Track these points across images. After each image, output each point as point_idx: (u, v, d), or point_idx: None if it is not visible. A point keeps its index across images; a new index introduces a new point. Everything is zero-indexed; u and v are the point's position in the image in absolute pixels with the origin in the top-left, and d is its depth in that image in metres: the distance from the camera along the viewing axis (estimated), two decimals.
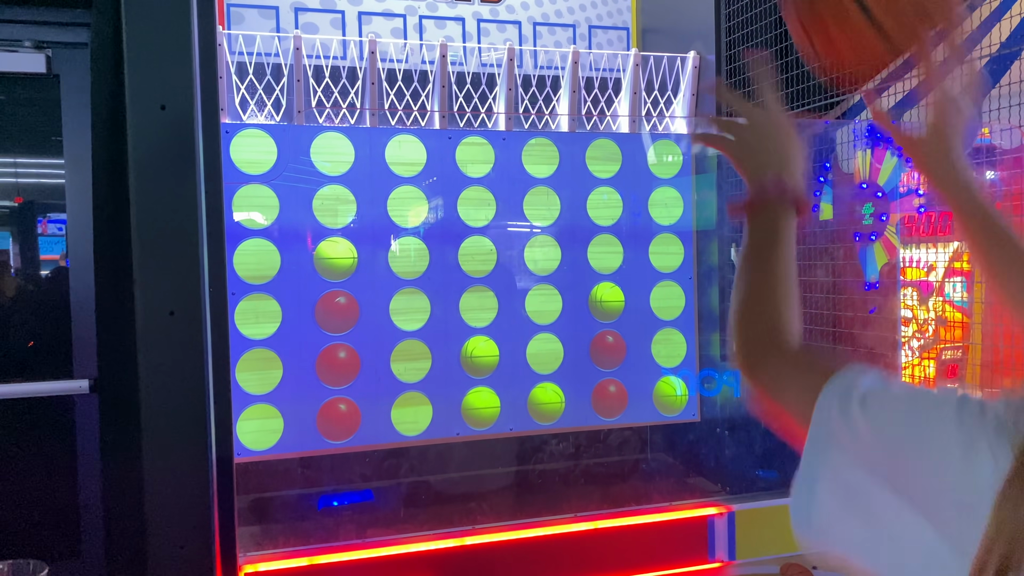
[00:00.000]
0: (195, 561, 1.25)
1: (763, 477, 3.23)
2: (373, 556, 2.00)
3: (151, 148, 1.13)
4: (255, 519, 3.11)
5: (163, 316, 1.16)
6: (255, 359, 3.09)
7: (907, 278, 3.04)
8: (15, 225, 3.19)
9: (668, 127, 3.69)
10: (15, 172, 3.19)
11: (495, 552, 2.12)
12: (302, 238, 3.15)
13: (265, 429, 3.10)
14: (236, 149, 3.04)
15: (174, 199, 1.15)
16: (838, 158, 3.16)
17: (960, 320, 2.91)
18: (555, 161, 3.46)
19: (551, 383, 3.45)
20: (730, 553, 2.21)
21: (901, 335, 3.01)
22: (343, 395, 3.19)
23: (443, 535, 2.10)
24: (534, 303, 3.44)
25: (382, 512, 3.29)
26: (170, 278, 1.16)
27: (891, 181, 3.03)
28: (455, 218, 3.34)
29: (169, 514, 1.27)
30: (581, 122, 3.55)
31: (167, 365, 1.19)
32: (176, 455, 1.24)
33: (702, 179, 3.67)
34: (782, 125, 1.35)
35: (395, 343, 3.26)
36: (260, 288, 3.09)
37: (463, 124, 3.41)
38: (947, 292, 2.98)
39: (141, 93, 1.12)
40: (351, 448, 3.21)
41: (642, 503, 2.40)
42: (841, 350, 3.08)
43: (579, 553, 2.17)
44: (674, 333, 3.64)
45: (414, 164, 3.29)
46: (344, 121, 3.27)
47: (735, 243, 3.61)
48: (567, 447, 3.68)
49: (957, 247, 2.96)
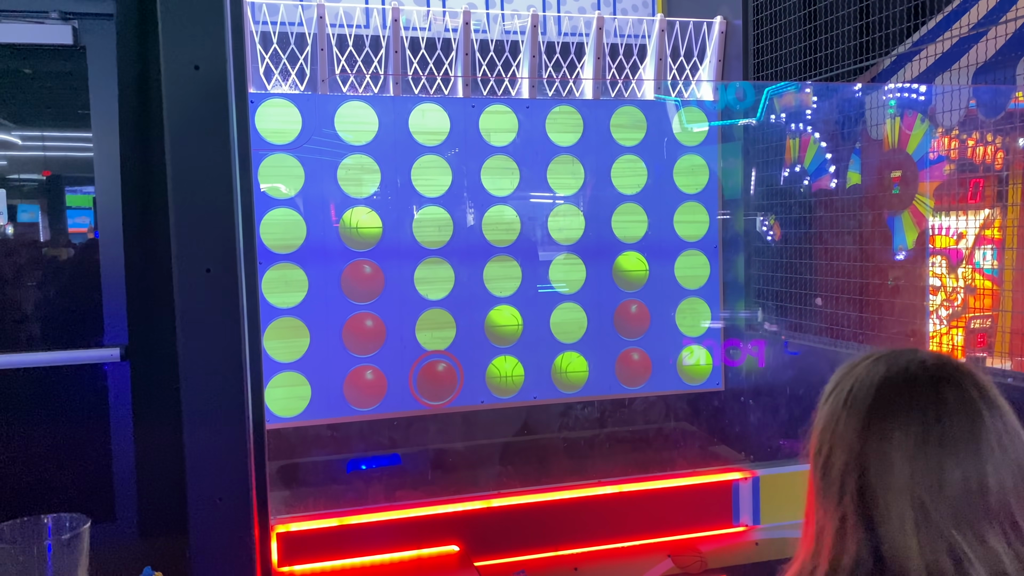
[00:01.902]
0: (233, 512, 1.28)
1: (786, 446, 3.23)
2: (401, 517, 2.03)
3: (185, 107, 1.14)
4: (283, 484, 3.17)
5: (200, 273, 1.18)
6: (283, 327, 3.12)
7: (936, 246, 3.00)
8: (44, 197, 3.23)
9: (694, 93, 3.65)
10: (43, 146, 3.22)
11: (521, 515, 2.14)
12: (327, 208, 3.17)
13: (293, 396, 3.14)
14: (261, 119, 3.06)
15: (209, 158, 1.16)
16: (867, 124, 3.11)
17: (990, 288, 2.87)
18: (579, 129, 3.44)
19: (575, 352, 3.47)
20: (754, 518, 2.22)
21: (929, 303, 2.98)
22: (369, 363, 3.23)
23: (470, 497, 2.12)
24: (558, 272, 3.44)
25: (410, 476, 3.33)
26: (207, 235, 1.17)
27: (921, 148, 2.98)
28: (479, 187, 3.34)
29: (207, 466, 1.30)
30: (606, 89, 3.52)
31: (204, 321, 1.21)
32: (213, 407, 1.27)
33: (728, 147, 3.64)
34: None
35: (420, 312, 3.28)
36: (287, 257, 3.12)
37: (486, 92, 3.40)
38: (976, 260, 2.94)
39: (175, 54, 1.13)
40: (377, 415, 3.25)
41: (666, 469, 2.41)
42: (868, 318, 3.06)
43: (604, 517, 2.19)
44: (699, 302, 3.63)
45: (438, 133, 3.29)
46: (368, 90, 3.26)
47: (761, 212, 3.58)
48: (592, 412, 3.69)
49: (988, 214, 2.91)
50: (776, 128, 3.44)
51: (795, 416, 3.23)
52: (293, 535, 1.94)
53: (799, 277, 3.35)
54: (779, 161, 3.46)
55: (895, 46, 2.98)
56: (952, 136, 2.86)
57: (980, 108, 2.60)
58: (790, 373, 3.30)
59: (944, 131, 2.84)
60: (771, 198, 3.53)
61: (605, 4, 3.84)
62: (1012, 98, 2.54)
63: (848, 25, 3.14)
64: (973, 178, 2.92)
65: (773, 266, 3.51)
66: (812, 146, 3.32)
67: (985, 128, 2.77)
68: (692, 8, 3.74)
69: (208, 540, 1.41)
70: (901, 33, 2.98)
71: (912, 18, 2.96)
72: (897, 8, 2.96)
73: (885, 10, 3.00)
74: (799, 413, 3.15)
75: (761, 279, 3.59)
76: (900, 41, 2.98)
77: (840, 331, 3.14)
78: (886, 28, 2.99)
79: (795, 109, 3.37)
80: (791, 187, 3.41)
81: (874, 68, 3.05)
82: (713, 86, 3.62)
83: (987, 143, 2.84)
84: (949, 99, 2.70)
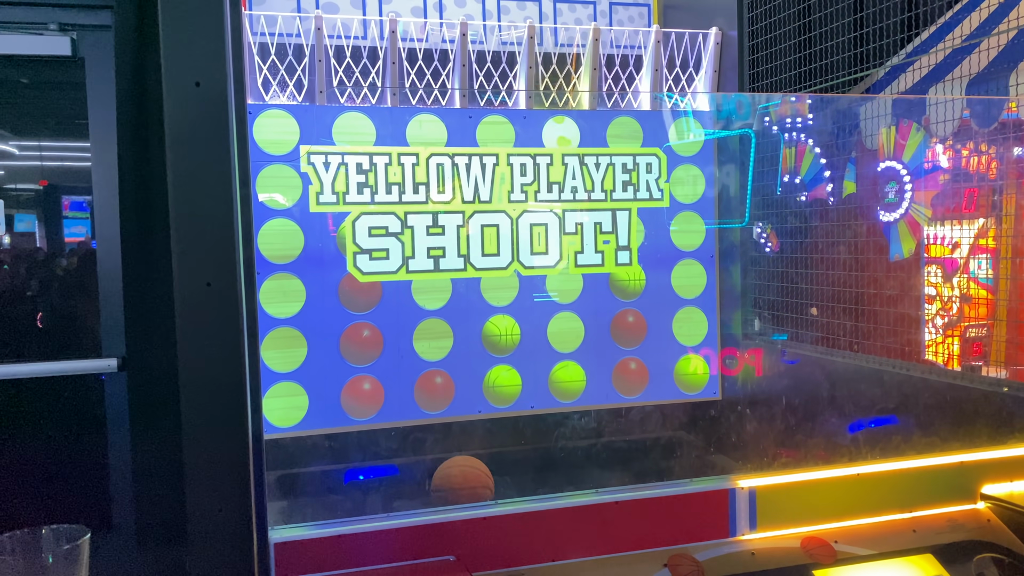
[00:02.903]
0: (232, 522, 1.29)
1: (784, 455, 3.24)
2: (398, 527, 2.03)
3: (186, 124, 1.15)
4: (281, 494, 3.16)
5: (201, 288, 1.19)
6: (280, 337, 3.13)
7: (931, 255, 3.02)
8: (41, 208, 3.23)
9: (690, 104, 3.67)
10: (40, 156, 3.23)
11: (518, 524, 2.14)
12: (324, 218, 3.18)
13: (290, 406, 3.14)
14: (259, 129, 3.07)
15: (210, 173, 1.17)
16: (862, 134, 3.13)
17: (985, 297, 2.89)
18: (576, 139, 3.46)
19: (572, 361, 3.47)
20: (751, 527, 2.22)
21: (925, 312, 2.99)
22: (367, 373, 3.23)
23: (467, 507, 2.12)
24: (555, 282, 3.45)
25: (407, 486, 3.33)
26: (207, 250, 1.18)
27: (916, 158, 3.00)
28: None
29: (207, 477, 1.31)
30: (602, 100, 3.54)
31: (204, 335, 1.22)
32: (213, 418, 1.28)
33: (724, 156, 3.66)
34: None
35: (417, 321, 3.29)
36: (284, 268, 3.13)
37: (483, 103, 3.41)
38: (972, 270, 2.95)
39: (176, 70, 1.14)
40: (375, 425, 3.25)
41: (663, 478, 2.42)
42: (863, 327, 3.07)
43: (600, 527, 2.19)
44: (695, 312, 3.64)
45: (435, 143, 3.30)
46: (365, 100, 3.28)
47: (758, 222, 3.59)
48: (589, 422, 3.70)
49: (983, 224, 2.93)
50: (772, 138, 3.46)
51: (792, 425, 3.24)
52: (290, 545, 1.94)
53: (795, 286, 3.36)
54: (775, 171, 3.47)
55: (889, 57, 3.01)
56: (947, 146, 2.89)
57: (974, 119, 2.62)
58: (787, 382, 3.31)
59: (938, 141, 2.86)
60: (767, 208, 3.55)
61: (601, 15, 3.87)
62: (1005, 108, 2.56)
63: (843, 36, 3.17)
64: (968, 188, 2.94)
65: (770, 275, 3.53)
66: (808, 155, 3.34)
67: (979, 138, 2.80)
68: (688, 20, 3.77)
69: (208, 550, 1.41)
70: (895, 44, 3.00)
71: (906, 29, 2.98)
72: (891, 20, 2.99)
73: (879, 21, 3.03)
74: (796, 422, 3.16)
75: (758, 288, 3.60)
76: (894, 52, 3.00)
77: (836, 340, 3.15)
78: (880, 39, 3.02)
79: (791, 119, 3.39)
80: (787, 196, 3.42)
81: (869, 79, 3.07)
82: (709, 97, 3.64)
83: (981, 153, 2.86)
84: (943, 110, 2.72)
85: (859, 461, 2.07)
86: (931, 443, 2.64)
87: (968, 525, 2.02)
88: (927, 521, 2.02)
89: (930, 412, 2.69)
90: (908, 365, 2.86)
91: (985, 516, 2.05)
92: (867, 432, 2.91)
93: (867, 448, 2.91)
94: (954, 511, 2.05)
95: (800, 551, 1.94)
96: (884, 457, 2.10)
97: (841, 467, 2.03)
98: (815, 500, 2.02)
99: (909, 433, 2.78)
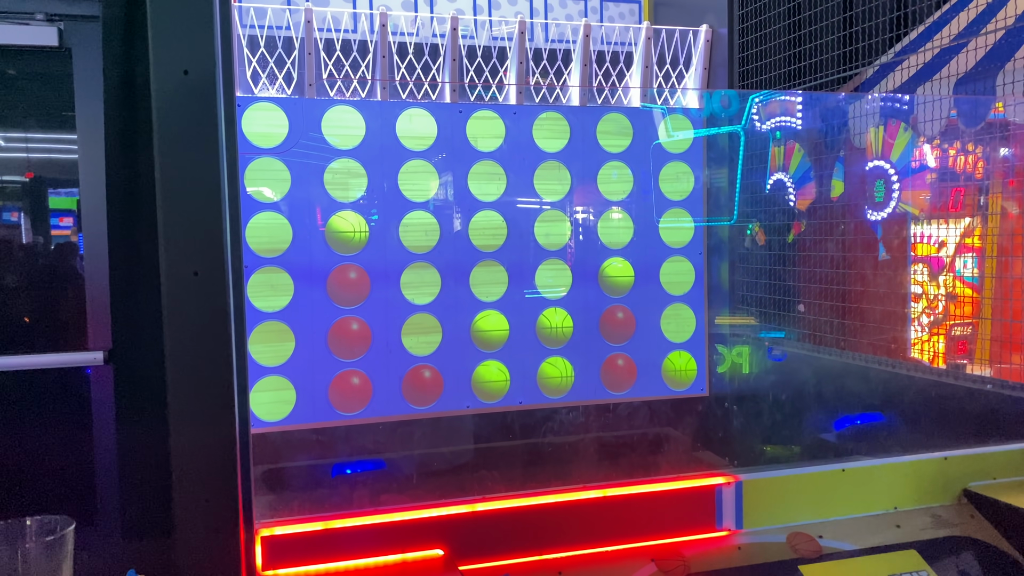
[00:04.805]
0: (219, 514, 1.29)
1: (770, 451, 3.26)
2: (386, 521, 2.03)
3: (174, 112, 1.14)
4: (268, 488, 3.15)
5: (188, 277, 1.18)
6: (268, 331, 3.12)
7: (918, 254, 3.04)
8: (27, 200, 3.21)
9: (680, 101, 3.68)
10: (26, 148, 3.20)
11: (506, 519, 2.14)
12: (313, 212, 3.17)
13: (278, 400, 3.13)
14: (248, 122, 3.06)
15: (198, 163, 1.16)
16: (850, 132, 3.15)
17: (970, 296, 2.91)
18: (566, 135, 3.46)
19: (559, 357, 3.48)
20: (737, 522, 2.23)
21: (911, 311, 3.02)
22: (355, 367, 3.22)
23: (455, 502, 2.12)
24: (544, 277, 3.46)
25: (395, 480, 3.33)
26: (195, 239, 1.18)
27: (903, 157, 3.01)
28: (465, 192, 3.35)
29: (195, 468, 1.31)
30: (592, 96, 3.55)
31: (191, 324, 1.22)
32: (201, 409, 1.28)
33: (713, 154, 3.67)
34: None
35: (406, 316, 3.28)
36: (272, 261, 3.11)
37: (473, 98, 3.41)
38: (957, 268, 2.98)
39: (164, 58, 1.13)
40: (363, 420, 3.25)
41: (651, 474, 2.43)
42: (850, 325, 3.09)
43: (588, 521, 2.19)
44: (683, 308, 3.65)
45: (425, 138, 3.30)
46: (355, 94, 3.27)
47: (747, 220, 3.61)
48: (577, 417, 3.71)
49: (969, 223, 2.95)
50: (760, 136, 3.47)
51: (778, 421, 3.26)
52: (277, 539, 1.93)
53: (783, 284, 3.38)
54: (764, 169, 3.49)
55: (878, 56, 3.02)
56: (934, 145, 2.91)
57: (961, 118, 2.64)
58: (774, 378, 3.33)
59: (926, 140, 2.88)
60: (755, 205, 3.56)
61: (592, 11, 3.87)
62: (992, 108, 2.58)
63: (832, 35, 3.18)
64: (955, 187, 2.96)
65: (757, 272, 3.54)
66: (796, 154, 3.35)
67: (966, 138, 2.82)
68: (678, 16, 3.78)
69: (194, 543, 1.41)
70: (884, 43, 3.02)
71: (895, 28, 3.00)
72: (881, 19, 3.00)
73: (869, 20, 3.04)
74: (782, 418, 3.18)
75: (745, 285, 3.62)
76: (883, 51, 3.02)
77: (823, 337, 3.17)
78: (870, 38, 3.03)
79: (780, 117, 3.40)
80: (775, 194, 3.44)
81: (858, 77, 3.09)
82: (699, 94, 3.65)
83: (968, 152, 2.88)
84: (931, 109, 2.74)
85: (845, 457, 2.09)
86: (916, 439, 2.67)
87: (952, 521, 2.04)
88: (911, 516, 2.04)
89: (915, 409, 2.72)
90: (894, 362, 2.88)
91: (968, 512, 2.07)
92: (853, 428, 2.93)
93: (852, 444, 2.93)
94: (938, 507, 2.07)
95: (786, 546, 1.95)
96: (869, 453, 2.11)
97: (827, 463, 2.04)
98: (801, 495, 2.03)
99: (894, 429, 2.80)
